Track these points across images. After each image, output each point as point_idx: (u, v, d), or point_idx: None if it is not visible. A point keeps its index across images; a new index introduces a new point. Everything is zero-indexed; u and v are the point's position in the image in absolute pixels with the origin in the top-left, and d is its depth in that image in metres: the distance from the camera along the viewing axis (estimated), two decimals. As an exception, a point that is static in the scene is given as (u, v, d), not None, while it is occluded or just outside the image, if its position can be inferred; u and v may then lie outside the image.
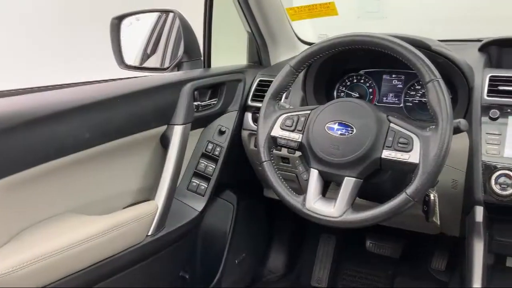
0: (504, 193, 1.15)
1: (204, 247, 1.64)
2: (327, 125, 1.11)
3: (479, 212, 1.21)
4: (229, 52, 1.95)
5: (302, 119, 1.17)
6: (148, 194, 1.33)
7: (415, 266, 1.94)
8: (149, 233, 1.25)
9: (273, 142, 1.19)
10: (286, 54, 1.76)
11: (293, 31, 1.81)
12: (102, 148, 1.13)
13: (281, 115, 1.19)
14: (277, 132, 1.18)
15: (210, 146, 1.51)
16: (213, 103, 1.52)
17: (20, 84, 1.46)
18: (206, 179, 1.48)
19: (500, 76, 1.25)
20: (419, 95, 1.44)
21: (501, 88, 1.22)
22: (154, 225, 1.26)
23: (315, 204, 1.10)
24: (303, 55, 1.17)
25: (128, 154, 1.26)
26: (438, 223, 1.23)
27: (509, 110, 1.19)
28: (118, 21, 1.59)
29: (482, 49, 1.40)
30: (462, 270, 1.30)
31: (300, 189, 1.46)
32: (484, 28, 1.83)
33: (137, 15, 1.64)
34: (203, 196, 1.47)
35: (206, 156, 1.50)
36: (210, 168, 1.49)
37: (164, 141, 1.32)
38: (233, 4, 1.63)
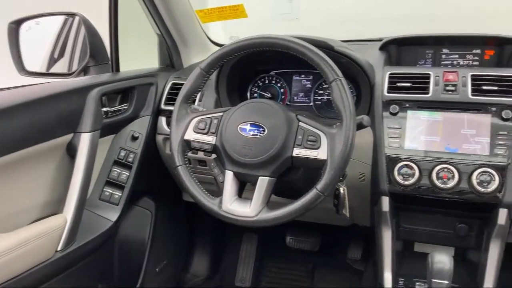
0: (407, 182, 1.23)
1: (122, 257, 1.59)
2: (239, 126, 1.12)
3: (385, 202, 1.28)
4: (141, 56, 1.90)
5: (215, 121, 1.17)
6: (56, 207, 1.26)
7: (333, 257, 2.02)
8: (58, 249, 1.19)
9: (187, 145, 1.18)
10: (198, 56, 1.75)
11: (204, 33, 1.81)
12: (1, 161, 1.05)
13: (193, 118, 1.19)
14: (190, 135, 1.17)
15: (122, 153, 1.46)
16: (124, 108, 1.47)
17: None
18: (120, 187, 1.43)
19: (398, 73, 1.33)
20: (327, 93, 1.50)
21: (399, 84, 1.31)
22: (63, 240, 1.19)
23: (231, 206, 1.10)
24: (213, 57, 1.17)
25: (32, 166, 1.18)
26: (348, 215, 1.29)
27: (407, 105, 1.28)
28: (16, 25, 1.49)
29: (382, 48, 1.49)
30: (374, 257, 1.38)
31: (219, 191, 1.46)
32: (386, 28, 1.95)
33: (36, 19, 1.54)
34: (117, 205, 1.42)
35: (118, 163, 1.45)
36: (124, 175, 1.44)
37: (71, 150, 1.26)
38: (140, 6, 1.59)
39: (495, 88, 1.23)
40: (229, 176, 1.13)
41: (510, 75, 1.24)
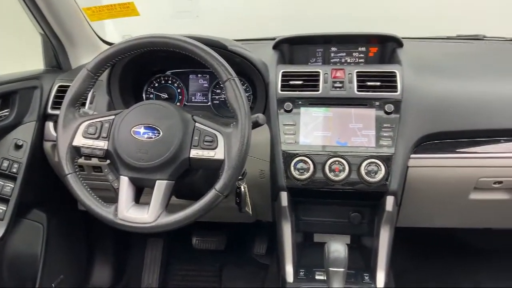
0: (303, 177, 1.27)
1: (12, 276, 1.46)
2: (133, 129, 1.08)
3: (284, 197, 1.32)
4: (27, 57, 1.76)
5: (106, 125, 1.11)
6: None
7: (240, 254, 2.04)
8: None
9: (76, 152, 1.11)
10: (88, 56, 1.65)
11: (94, 31, 1.71)
12: None
13: (82, 122, 1.12)
14: (79, 141, 1.10)
15: (5, 164, 1.34)
16: (5, 115, 1.34)
17: None
18: (4, 200, 1.31)
19: (290, 72, 1.37)
20: (224, 93, 1.50)
21: (292, 82, 1.35)
22: None
23: (128, 213, 1.06)
24: (100, 58, 1.11)
25: None
26: (250, 212, 1.31)
27: (300, 102, 1.32)
28: None
29: (275, 47, 1.52)
30: (278, 251, 1.41)
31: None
32: (279, 27, 2.00)
33: None
34: (2, 220, 1.29)
35: (1, 175, 1.32)
36: (8, 188, 1.32)
37: None
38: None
39: (378, 83, 1.32)
40: (124, 182, 1.08)
41: (391, 71, 1.34)
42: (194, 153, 1.07)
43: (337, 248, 1.15)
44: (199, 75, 1.53)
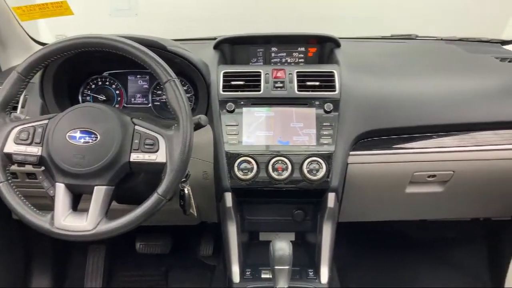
0: (246, 177, 1.28)
1: None
2: (68, 134, 1.04)
3: (228, 198, 1.32)
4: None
5: (40, 130, 1.06)
6: None
7: (186, 256, 2.02)
8: None
9: (8, 159, 1.05)
10: (19, 57, 1.58)
11: (25, 31, 1.63)
12: None
13: (14, 127, 1.06)
14: (10, 147, 1.05)
15: None
16: None
17: None
18: None
19: (232, 72, 1.37)
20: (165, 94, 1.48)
21: (233, 83, 1.35)
22: None
23: (65, 221, 1.02)
24: (31, 60, 1.06)
25: None
26: (195, 214, 1.29)
27: (242, 102, 1.33)
28: None
29: (216, 47, 1.52)
30: (223, 252, 1.41)
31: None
32: (221, 26, 2.00)
33: None
34: None
35: None
36: None
37: None
38: None
39: (317, 83, 1.35)
40: (60, 189, 1.04)
41: (329, 71, 1.37)
42: (135, 156, 1.04)
43: (282, 246, 1.16)
44: (138, 76, 1.49)
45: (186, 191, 1.23)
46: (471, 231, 1.95)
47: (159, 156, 1.03)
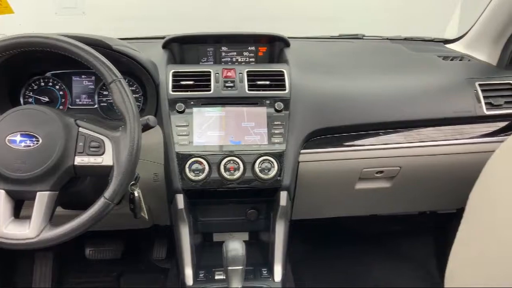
0: (198, 178, 1.26)
1: None
2: (7, 138, 0.99)
3: (180, 200, 1.30)
4: None
5: None
6: None
7: (138, 260, 1.97)
8: None
9: None
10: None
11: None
12: None
13: None
14: None
15: None
16: None
17: None
18: None
19: (181, 72, 1.35)
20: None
21: (183, 82, 1.33)
22: None
23: (7, 229, 0.97)
24: None
25: None
26: (147, 218, 1.27)
27: (192, 103, 1.31)
28: None
29: (165, 46, 1.49)
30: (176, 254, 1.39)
31: None
32: (170, 26, 1.96)
33: None
34: None
35: None
36: None
37: None
38: None
39: (268, 82, 1.35)
40: (0, 195, 0.98)
41: (279, 70, 1.38)
42: (79, 160, 1.00)
43: (235, 246, 1.16)
44: (83, 76, 1.43)
45: (136, 194, 1.20)
46: (419, 224, 2.02)
47: (105, 159, 1.00)
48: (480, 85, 1.45)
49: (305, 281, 1.85)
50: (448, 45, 1.78)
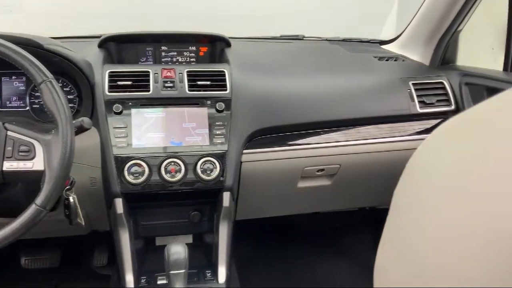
0: (138, 181, 1.23)
1: None
2: None
3: (119, 204, 1.25)
4: None
5: None
6: None
7: (78, 268, 1.90)
8: None
9: None
10: None
11: None
12: None
13: None
14: None
15: None
16: None
17: None
18: None
19: (118, 72, 1.31)
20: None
21: (120, 83, 1.29)
22: None
23: None
24: None
25: None
26: (83, 223, 1.22)
27: (130, 103, 1.27)
28: None
29: (101, 45, 1.44)
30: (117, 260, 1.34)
31: None
32: (107, 25, 1.91)
33: None
34: None
35: None
36: None
37: None
38: None
39: (209, 82, 1.34)
40: None
41: (220, 70, 1.37)
42: (8, 165, 0.95)
43: (177, 250, 1.14)
44: (13, 77, 1.35)
45: (71, 200, 1.15)
46: (359, 220, 2.08)
47: (36, 164, 0.95)
48: (413, 84, 1.51)
49: (251, 281, 1.85)
50: (383, 46, 1.84)
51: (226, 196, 1.32)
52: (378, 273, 0.37)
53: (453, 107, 1.51)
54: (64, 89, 1.32)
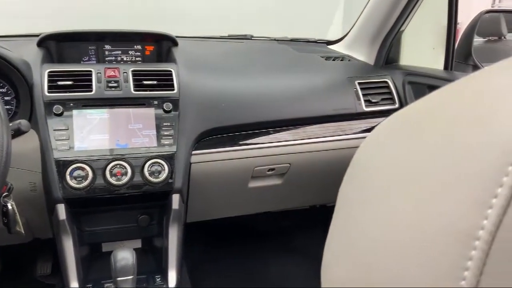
0: (81, 185, 1.18)
1: None
2: None
3: (61, 210, 1.20)
4: None
5: None
6: None
7: (21, 278, 1.80)
8: None
9: None
10: None
11: None
12: None
13: None
14: None
15: None
16: None
17: None
18: None
19: (58, 71, 1.25)
20: None
21: (60, 83, 1.23)
22: None
23: None
24: None
25: None
26: (23, 232, 1.15)
27: (71, 104, 1.22)
28: None
29: (40, 44, 1.37)
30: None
31: None
32: (48, 23, 1.82)
33: None
34: None
35: None
36: None
37: None
38: None
39: (155, 82, 1.30)
40: None
41: (167, 70, 1.34)
42: None
43: (124, 255, 1.10)
44: None
45: (9, 207, 1.09)
46: (310, 218, 2.11)
47: None
48: (359, 83, 1.54)
49: (204, 283, 1.82)
50: (330, 46, 1.87)
51: (176, 199, 1.29)
52: (324, 271, 0.37)
53: (397, 105, 1.56)
54: (0, 90, 1.24)
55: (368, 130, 1.51)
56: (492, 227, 0.22)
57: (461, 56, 1.65)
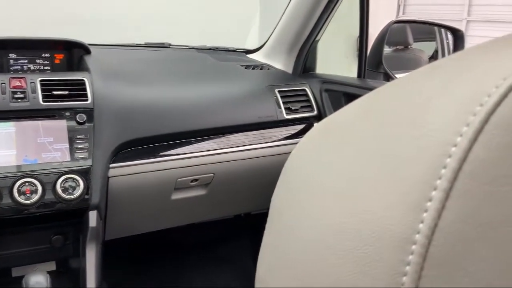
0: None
1: None
2: None
3: None
4: None
5: None
6: None
7: None
8: None
9: None
10: None
11: None
12: None
13: None
14: None
15: None
16: None
17: None
18: None
19: None
20: None
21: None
22: None
23: None
24: None
25: None
26: None
27: None
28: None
29: None
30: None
31: None
32: None
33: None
34: None
35: None
36: None
37: None
38: None
39: (66, 92, 1.22)
40: None
41: (79, 79, 1.26)
42: None
43: (37, 280, 1.02)
44: None
45: None
46: (236, 227, 2.10)
47: None
48: (279, 91, 1.56)
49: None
50: (249, 55, 1.89)
51: (93, 216, 1.21)
52: (259, 282, 0.35)
53: (315, 112, 1.60)
54: None
55: (290, 137, 1.54)
56: (428, 231, 0.22)
57: (372, 65, 1.73)
